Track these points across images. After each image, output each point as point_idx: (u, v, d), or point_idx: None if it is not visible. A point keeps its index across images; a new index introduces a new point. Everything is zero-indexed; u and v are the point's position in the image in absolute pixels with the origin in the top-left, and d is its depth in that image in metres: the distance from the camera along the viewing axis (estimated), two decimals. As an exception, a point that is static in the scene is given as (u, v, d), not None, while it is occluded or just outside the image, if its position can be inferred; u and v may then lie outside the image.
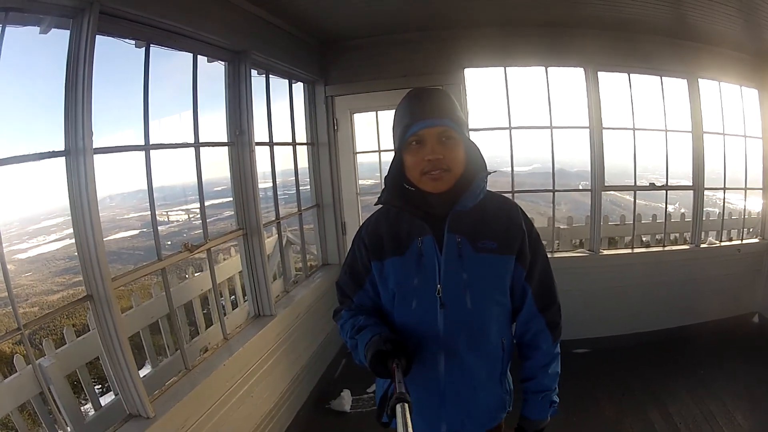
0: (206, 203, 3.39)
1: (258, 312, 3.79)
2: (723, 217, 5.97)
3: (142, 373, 2.83)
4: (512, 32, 4.80)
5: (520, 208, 1.90)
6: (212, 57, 3.42)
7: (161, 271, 2.91)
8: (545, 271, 1.91)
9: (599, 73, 5.03)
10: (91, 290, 2.32)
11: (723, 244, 5.66)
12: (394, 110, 4.49)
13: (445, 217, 1.75)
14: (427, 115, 1.66)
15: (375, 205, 1.91)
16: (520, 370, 1.96)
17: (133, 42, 2.74)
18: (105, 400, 3.49)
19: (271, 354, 3.70)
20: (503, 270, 1.81)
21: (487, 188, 1.81)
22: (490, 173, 1.79)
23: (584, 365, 4.86)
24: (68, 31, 2.28)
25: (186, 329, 4.09)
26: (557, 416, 1.94)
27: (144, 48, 2.76)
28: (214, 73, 3.53)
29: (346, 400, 4.34)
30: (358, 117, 5.26)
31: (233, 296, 5.32)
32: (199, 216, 3.37)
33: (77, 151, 2.25)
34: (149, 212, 2.88)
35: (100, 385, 4.72)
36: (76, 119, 2.24)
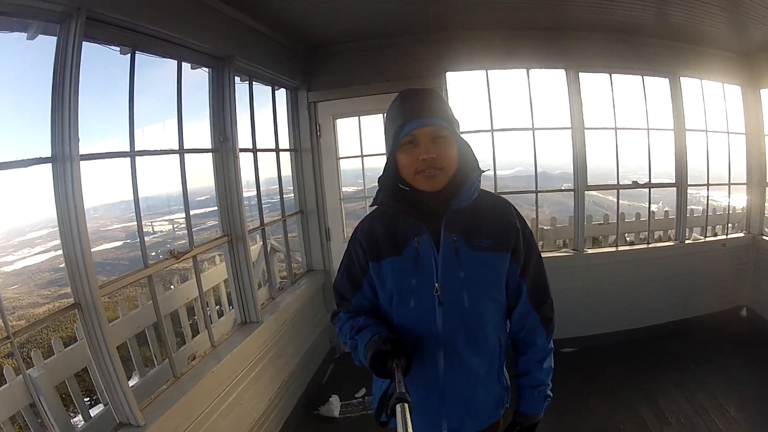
0: (190, 212, 3.48)
1: (244, 319, 3.89)
2: (707, 213, 6.22)
3: (131, 383, 2.87)
4: (493, 35, 4.96)
5: (513, 207, 1.99)
6: (196, 63, 3.52)
7: (148, 278, 3.00)
8: (539, 268, 1.99)
9: (581, 74, 5.21)
10: (78, 298, 2.38)
11: (708, 239, 5.89)
12: (376, 115, 4.62)
13: (441, 216, 1.83)
14: (420, 115, 1.74)
15: (371, 206, 1.99)
16: (515, 365, 2.03)
17: (118, 48, 2.84)
18: (94, 413, 3.56)
19: (258, 360, 3.80)
20: (499, 267, 1.89)
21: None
22: (483, 172, 1.88)
23: (572, 364, 4.99)
24: (55, 38, 2.36)
25: (173, 339, 4.16)
26: (547, 415, 2.03)
27: (129, 54, 2.86)
28: (197, 81, 3.62)
29: (334, 405, 4.45)
30: (340, 122, 5.39)
31: (219, 306, 5.43)
32: (182, 226, 3.48)
33: (64, 157, 2.32)
34: (133, 223, 3.00)
35: (88, 398, 4.78)
36: (62, 125, 2.31)
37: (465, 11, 4.46)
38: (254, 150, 4.33)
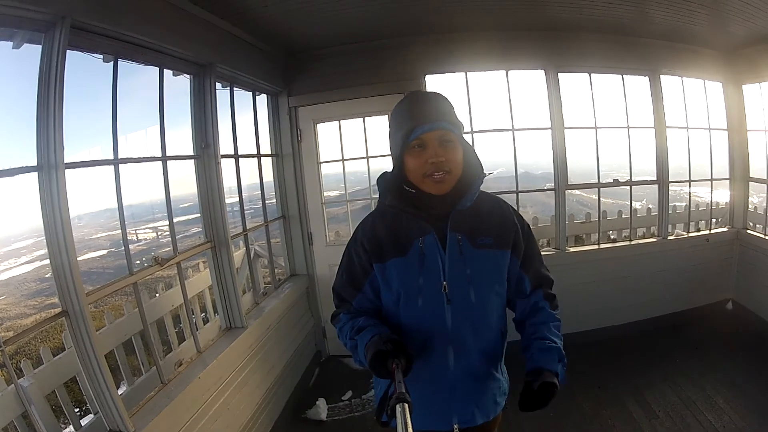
0: (173, 220, 3.55)
1: (229, 324, 3.99)
2: (690, 209, 6.41)
3: (119, 392, 2.88)
4: (472, 38, 5.07)
5: (510, 205, 2.10)
6: (178, 70, 3.60)
7: (133, 285, 3.07)
8: (539, 260, 2.11)
9: (560, 74, 5.37)
10: (66, 306, 2.43)
11: (691, 235, 6.10)
12: (356, 119, 4.73)
13: (444, 217, 1.92)
14: (429, 119, 1.80)
15: (383, 205, 2.03)
16: (522, 340, 2.05)
17: (101, 56, 2.90)
18: (83, 422, 3.61)
19: (244, 365, 3.89)
20: (501, 263, 1.98)
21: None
22: (486, 174, 1.95)
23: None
24: (40, 46, 2.40)
25: (160, 346, 4.25)
26: (536, 412, 1.89)
27: (112, 62, 2.93)
28: (179, 87, 3.71)
29: (321, 408, 4.57)
30: (321, 127, 5.50)
31: (204, 313, 5.52)
32: (166, 233, 3.56)
33: (49, 166, 2.36)
34: (117, 231, 3.08)
35: (78, 409, 4.85)
36: (47, 134, 2.36)
37: (443, 14, 4.55)
38: (236, 156, 4.42)
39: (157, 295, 4.66)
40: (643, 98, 5.74)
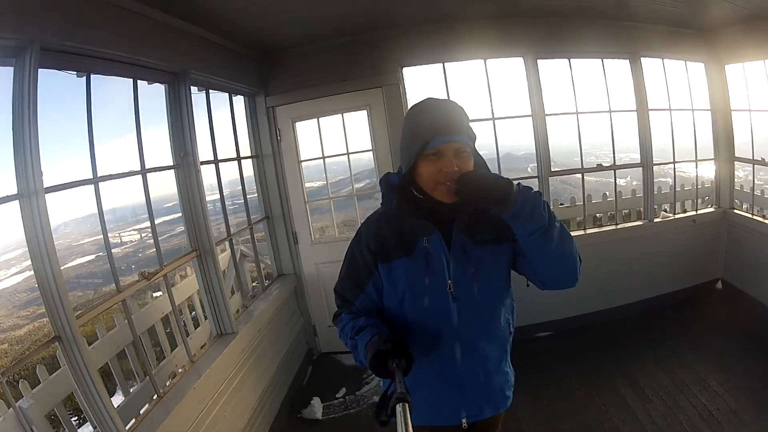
0: (158, 221, 3.65)
1: (220, 331, 4.13)
2: (675, 189, 6.64)
3: (115, 402, 2.96)
4: (448, 27, 5.21)
5: None
6: (152, 80, 3.68)
7: (122, 302, 3.20)
8: None
9: (539, 61, 5.54)
10: (58, 331, 2.53)
11: (678, 216, 6.33)
12: (335, 115, 4.87)
13: (448, 219, 2.01)
14: (449, 131, 1.88)
15: (389, 207, 2.10)
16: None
17: (75, 72, 2.96)
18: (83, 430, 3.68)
19: (238, 370, 4.04)
20: (502, 258, 2.08)
21: None
22: None
23: (549, 348, 5.35)
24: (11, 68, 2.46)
25: (152, 353, 4.33)
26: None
27: (85, 78, 3.00)
28: (155, 92, 3.78)
29: (316, 407, 4.76)
30: (300, 125, 5.65)
31: (193, 312, 5.62)
32: (150, 236, 3.61)
33: (29, 193, 2.42)
34: (102, 236, 3.13)
35: (76, 417, 4.96)
36: (25, 160, 2.42)
37: (416, 6, 4.69)
38: (215, 161, 4.51)
39: (147, 302, 4.74)
40: (624, 81, 5.93)
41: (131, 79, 3.44)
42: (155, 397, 3.31)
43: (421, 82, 5.88)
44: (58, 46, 2.69)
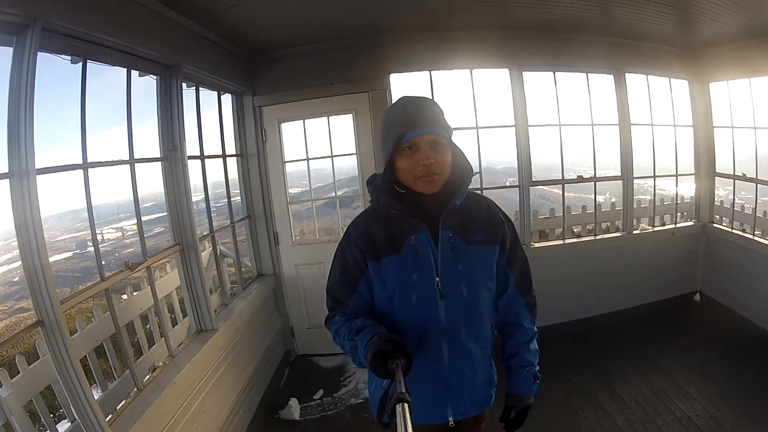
0: (135, 221, 3.67)
1: (200, 327, 4.20)
2: (654, 203, 6.95)
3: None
4: (438, 37, 5.42)
5: (495, 203, 2.27)
6: (145, 71, 3.74)
7: (105, 291, 3.19)
8: (523, 258, 2.28)
9: (524, 73, 5.78)
10: (41, 315, 2.51)
11: (657, 229, 6.65)
12: (321, 118, 5.02)
13: (435, 215, 2.07)
14: (422, 124, 1.95)
15: (373, 207, 2.20)
16: (503, 349, 2.32)
17: (69, 58, 2.98)
18: (59, 428, 3.68)
19: (216, 368, 4.11)
20: (491, 259, 2.16)
21: None
22: (475, 174, 2.13)
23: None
24: (10, 48, 2.47)
25: (130, 350, 4.35)
26: (503, 403, 2.27)
27: (80, 64, 3.02)
28: (141, 90, 3.76)
29: (294, 408, 4.86)
30: (285, 126, 5.86)
31: (172, 314, 5.73)
32: (130, 233, 3.72)
33: (20, 173, 2.43)
34: (82, 233, 3.38)
35: (51, 414, 4.95)
36: (18, 140, 2.43)
37: (406, 13, 4.83)
38: (202, 157, 4.63)
39: (124, 297, 4.83)
40: (608, 95, 6.20)
41: (119, 72, 3.47)
42: (135, 390, 3.33)
43: (407, 89, 5.99)
44: (59, 27, 2.73)
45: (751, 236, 6.02)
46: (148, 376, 3.57)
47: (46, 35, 2.63)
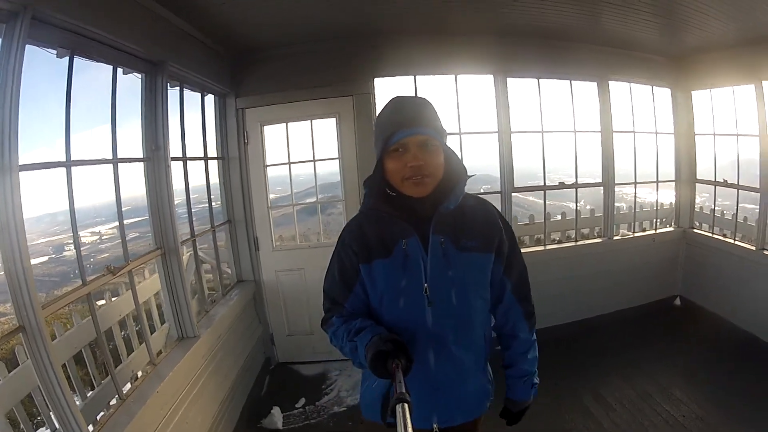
0: (111, 225, 3.66)
1: (182, 334, 4.11)
2: (635, 210, 7.13)
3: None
4: (422, 41, 5.45)
5: (495, 208, 2.23)
6: (131, 68, 3.65)
7: (87, 296, 3.09)
8: (521, 265, 2.25)
9: (509, 79, 5.88)
10: (22, 321, 2.44)
11: (637, 235, 6.82)
12: (304, 121, 4.96)
13: (427, 219, 2.03)
14: (411, 125, 1.91)
15: (362, 210, 2.16)
16: (502, 358, 2.34)
17: (55, 51, 2.91)
18: None
19: (199, 376, 4.03)
20: (485, 267, 2.11)
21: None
22: (470, 177, 2.08)
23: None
24: None
25: (109, 357, 4.25)
26: (491, 410, 2.34)
27: (65, 57, 2.94)
28: (127, 90, 3.73)
29: (277, 417, 4.83)
30: (268, 129, 5.82)
31: (150, 321, 5.53)
32: (105, 238, 3.58)
33: (3, 168, 2.35)
34: (57, 237, 3.18)
35: (31, 421, 4.82)
36: (2, 133, 2.35)
37: (393, 17, 4.86)
38: (184, 158, 4.56)
39: (102, 302, 4.69)
40: (591, 102, 6.31)
41: (102, 70, 3.39)
42: (115, 400, 3.27)
43: (392, 93, 5.95)
44: (49, 16, 2.66)
45: (732, 241, 6.22)
46: (128, 386, 3.49)
47: (35, 25, 2.56)
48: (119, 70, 3.53)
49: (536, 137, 6.04)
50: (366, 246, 2.10)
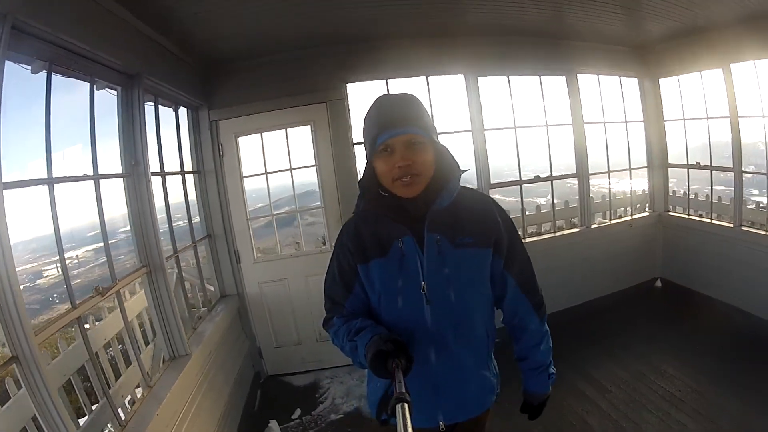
0: (89, 248, 3.56)
1: (173, 353, 4.04)
2: (610, 198, 7.39)
3: None
4: (392, 45, 5.49)
5: (494, 201, 2.21)
6: (108, 81, 3.59)
7: (77, 320, 3.03)
8: (524, 258, 2.23)
9: (479, 78, 5.98)
10: (15, 350, 2.37)
11: (613, 222, 7.06)
12: (279, 130, 4.95)
13: (422, 218, 2.02)
14: (395, 125, 1.89)
15: (355, 212, 2.15)
16: (514, 351, 2.34)
17: (29, 67, 2.83)
18: None
19: (194, 396, 3.97)
20: (482, 263, 2.09)
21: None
22: (463, 172, 2.07)
23: (498, 354, 5.46)
24: None
25: (97, 382, 4.17)
26: (509, 405, 2.42)
27: (43, 72, 2.87)
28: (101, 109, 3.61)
29: (275, 430, 4.77)
30: (243, 140, 5.79)
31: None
32: (77, 263, 3.43)
33: None
34: (30, 265, 3.03)
35: None
36: None
37: (361, 24, 4.90)
38: (162, 173, 4.50)
39: (87, 326, 4.61)
40: (561, 96, 6.46)
41: (78, 88, 3.31)
42: (110, 425, 3.22)
43: (366, 98, 5.97)
44: (28, 26, 2.58)
45: (709, 221, 6.44)
46: (126, 409, 3.51)
47: (15, 35, 2.49)
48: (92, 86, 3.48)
49: (509, 133, 6.14)
50: (362, 246, 2.11)
